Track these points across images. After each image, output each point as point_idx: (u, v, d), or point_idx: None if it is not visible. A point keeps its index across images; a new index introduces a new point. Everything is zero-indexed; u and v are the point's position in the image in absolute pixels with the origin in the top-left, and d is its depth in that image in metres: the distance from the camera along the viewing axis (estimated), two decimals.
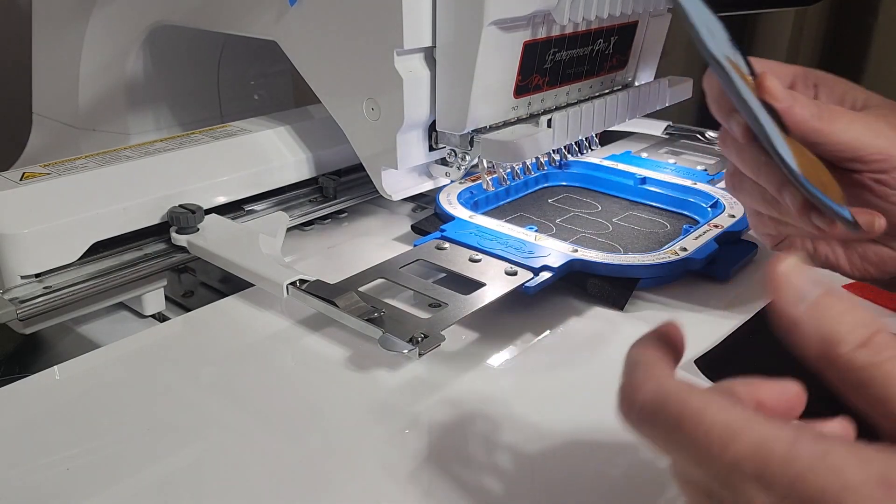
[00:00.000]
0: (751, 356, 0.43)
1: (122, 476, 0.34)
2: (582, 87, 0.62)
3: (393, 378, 0.41)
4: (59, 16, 0.80)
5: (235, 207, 0.59)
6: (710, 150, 0.79)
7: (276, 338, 0.46)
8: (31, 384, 0.41)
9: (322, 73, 0.58)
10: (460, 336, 0.45)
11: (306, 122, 0.64)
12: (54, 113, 0.84)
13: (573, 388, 0.41)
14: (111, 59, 0.76)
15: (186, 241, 0.52)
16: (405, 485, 0.34)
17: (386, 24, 0.50)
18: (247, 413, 0.39)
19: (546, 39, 0.55)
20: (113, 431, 0.37)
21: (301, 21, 0.57)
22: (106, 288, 0.49)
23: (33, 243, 0.47)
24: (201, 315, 0.49)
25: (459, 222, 0.56)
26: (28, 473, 0.34)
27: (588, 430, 0.37)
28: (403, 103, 0.52)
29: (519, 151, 0.54)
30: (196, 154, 0.57)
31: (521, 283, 0.47)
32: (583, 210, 0.64)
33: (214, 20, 0.65)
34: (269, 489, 0.33)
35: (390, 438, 0.37)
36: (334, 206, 0.64)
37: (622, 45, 0.64)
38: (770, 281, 0.25)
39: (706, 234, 0.54)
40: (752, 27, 1.02)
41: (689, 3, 0.35)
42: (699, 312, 0.49)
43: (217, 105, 0.84)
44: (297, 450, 0.36)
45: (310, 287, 0.45)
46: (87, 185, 0.51)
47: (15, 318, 0.44)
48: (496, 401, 0.40)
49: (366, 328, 0.42)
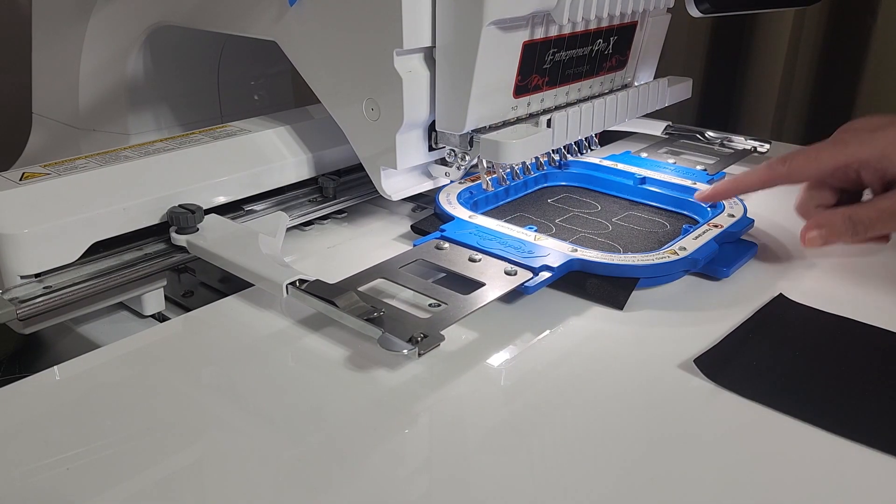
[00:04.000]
0: (750, 356, 0.43)
1: (122, 476, 0.34)
2: (581, 88, 0.62)
3: (392, 378, 0.41)
4: (59, 16, 0.80)
5: (235, 207, 0.59)
6: (709, 150, 0.79)
7: (275, 338, 0.46)
8: (31, 384, 0.41)
9: (322, 73, 0.58)
10: (460, 336, 0.45)
11: (306, 122, 0.64)
12: (54, 113, 0.84)
13: (573, 388, 0.41)
14: (111, 60, 0.76)
15: (186, 241, 0.52)
16: (405, 485, 0.34)
17: (385, 24, 0.50)
18: (247, 413, 0.39)
19: (545, 40, 0.55)
20: (113, 431, 0.37)
21: (301, 21, 0.57)
22: (106, 288, 0.49)
23: (33, 243, 0.47)
24: (201, 315, 0.49)
25: (459, 222, 0.56)
26: (28, 473, 0.34)
27: (588, 430, 0.37)
28: (403, 103, 0.52)
29: (518, 151, 0.54)
30: (196, 154, 0.57)
31: (521, 282, 0.47)
32: (582, 210, 0.64)
33: (214, 20, 0.65)
34: (269, 489, 0.33)
35: (390, 438, 0.37)
36: (334, 206, 0.64)
37: (622, 45, 0.64)
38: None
39: (706, 233, 0.54)
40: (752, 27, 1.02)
41: None
42: (699, 312, 0.49)
43: (217, 105, 0.84)
44: (297, 450, 0.36)
45: (309, 287, 0.45)
46: (87, 185, 0.51)
47: (15, 318, 0.44)
48: (496, 401, 0.40)
49: (365, 328, 0.42)
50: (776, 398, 0.39)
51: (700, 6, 0.59)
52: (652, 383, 0.41)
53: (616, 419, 0.38)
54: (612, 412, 0.39)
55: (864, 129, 0.49)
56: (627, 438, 0.37)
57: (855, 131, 0.50)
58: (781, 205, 0.67)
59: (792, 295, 0.50)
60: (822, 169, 0.50)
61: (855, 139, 0.49)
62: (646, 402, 0.39)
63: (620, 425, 0.38)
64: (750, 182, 0.53)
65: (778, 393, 0.40)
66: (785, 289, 0.51)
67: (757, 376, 0.41)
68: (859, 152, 0.48)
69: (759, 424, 0.37)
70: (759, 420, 0.38)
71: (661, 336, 0.46)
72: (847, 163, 0.49)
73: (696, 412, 0.39)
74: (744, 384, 0.40)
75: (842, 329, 0.46)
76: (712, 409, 0.39)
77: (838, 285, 0.53)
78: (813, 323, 0.47)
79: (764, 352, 0.44)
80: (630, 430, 0.37)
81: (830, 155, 0.49)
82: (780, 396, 0.39)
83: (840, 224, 0.48)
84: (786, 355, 0.44)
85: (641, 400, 0.40)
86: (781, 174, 0.51)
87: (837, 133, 0.51)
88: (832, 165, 0.49)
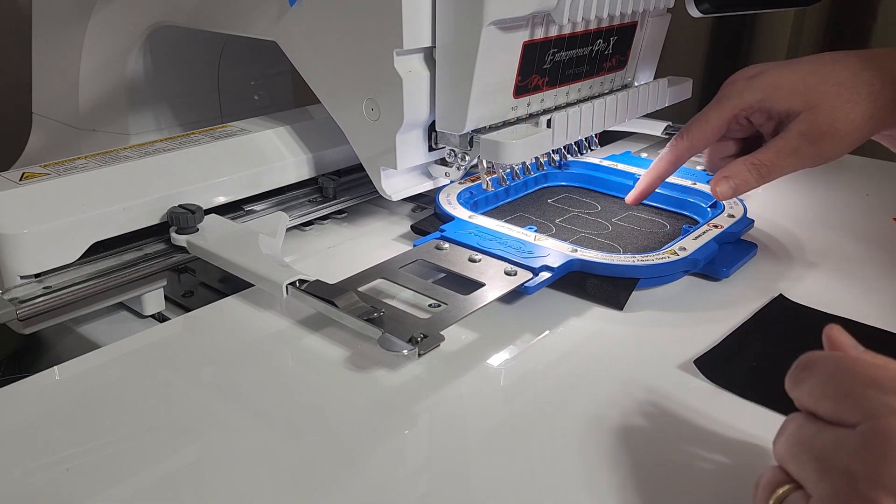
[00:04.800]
0: (751, 357, 0.43)
1: (122, 476, 0.34)
2: (581, 88, 0.62)
3: (392, 378, 0.41)
4: (59, 16, 0.80)
5: (235, 207, 0.59)
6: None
7: (275, 338, 0.46)
8: (31, 384, 0.41)
9: (322, 74, 0.58)
10: (460, 336, 0.45)
11: (306, 122, 0.64)
12: (54, 113, 0.84)
13: (573, 389, 0.41)
14: (111, 60, 0.76)
15: (186, 242, 0.52)
16: (405, 485, 0.34)
17: (386, 25, 0.50)
18: (247, 413, 0.39)
19: (545, 40, 0.55)
20: (113, 431, 0.37)
21: (301, 21, 0.57)
22: (106, 288, 0.49)
23: (33, 243, 0.47)
24: (201, 315, 0.49)
25: (459, 222, 0.56)
26: (28, 473, 0.34)
27: (588, 431, 0.37)
28: (403, 103, 0.52)
29: (518, 152, 0.54)
30: (196, 154, 0.57)
31: (521, 283, 0.47)
32: (582, 210, 0.64)
33: (214, 21, 0.65)
34: (269, 489, 0.33)
35: (390, 438, 0.37)
36: (334, 206, 0.64)
37: (622, 46, 0.64)
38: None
39: (706, 234, 0.54)
40: (752, 27, 1.02)
41: None
42: (699, 313, 0.49)
43: (217, 105, 0.84)
44: (297, 450, 0.36)
45: (309, 287, 0.45)
46: (87, 185, 0.51)
47: (15, 318, 0.44)
48: (496, 401, 0.40)
49: (365, 328, 0.42)
50: (776, 399, 0.39)
51: (700, 6, 0.59)
52: (652, 384, 0.41)
53: (616, 419, 0.38)
54: (611, 412, 0.39)
55: (741, 79, 0.53)
56: (627, 439, 0.37)
57: (734, 83, 0.53)
58: (781, 205, 0.67)
59: (792, 295, 0.50)
60: (715, 128, 0.53)
61: (735, 90, 0.52)
62: (646, 403, 0.39)
63: (620, 426, 0.38)
64: (662, 167, 0.56)
65: (778, 394, 0.40)
66: (785, 289, 0.51)
67: (757, 377, 0.41)
68: (742, 102, 0.52)
69: (759, 425, 0.37)
70: (759, 421, 0.38)
71: (661, 336, 0.46)
72: (734, 113, 0.52)
73: (696, 413, 0.39)
74: (744, 385, 0.40)
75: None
76: (712, 409, 0.39)
77: (838, 286, 0.53)
78: (813, 324, 0.47)
79: (764, 353, 0.44)
80: (630, 431, 0.37)
81: (717, 113, 0.53)
82: (781, 397, 0.39)
83: (745, 171, 0.50)
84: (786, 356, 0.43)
85: (641, 400, 0.40)
86: (685, 147, 0.54)
87: (721, 90, 0.54)
88: (723, 121, 0.53)
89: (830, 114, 0.48)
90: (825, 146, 0.49)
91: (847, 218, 0.52)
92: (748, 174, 0.50)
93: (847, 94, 0.48)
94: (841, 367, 0.28)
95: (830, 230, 0.62)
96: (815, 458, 0.27)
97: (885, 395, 0.25)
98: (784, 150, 0.50)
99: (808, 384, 0.28)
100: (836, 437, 0.26)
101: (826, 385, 0.28)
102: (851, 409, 0.26)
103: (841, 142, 0.49)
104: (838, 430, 0.26)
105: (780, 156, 0.50)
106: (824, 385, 0.28)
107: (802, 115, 0.49)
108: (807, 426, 0.28)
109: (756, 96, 0.51)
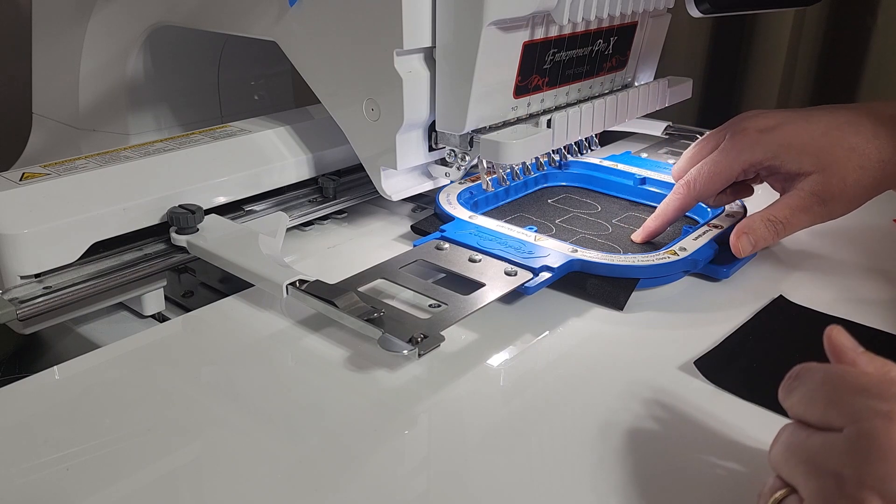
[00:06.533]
0: (751, 358, 0.43)
1: (122, 476, 0.34)
2: (581, 88, 0.62)
3: (392, 378, 0.41)
4: (59, 16, 0.80)
5: (235, 208, 0.59)
6: None
7: (275, 338, 0.46)
8: (31, 384, 0.41)
9: (322, 74, 0.58)
10: (460, 336, 0.45)
11: (306, 123, 0.64)
12: (54, 113, 0.84)
13: (573, 389, 0.41)
14: (111, 60, 0.76)
15: (186, 242, 0.52)
16: (405, 485, 0.34)
17: (386, 25, 0.50)
18: (247, 413, 0.39)
19: (545, 40, 0.55)
20: (113, 431, 0.37)
21: (301, 21, 0.57)
22: (106, 288, 0.49)
23: (33, 243, 0.47)
24: (201, 315, 0.49)
25: (459, 222, 0.56)
26: (28, 473, 0.34)
27: (588, 431, 0.37)
28: (403, 103, 0.52)
29: (518, 152, 0.54)
30: (196, 154, 0.57)
31: (521, 283, 0.47)
32: (582, 210, 0.64)
33: (214, 21, 0.65)
34: (269, 489, 0.33)
35: (390, 439, 0.37)
36: (334, 206, 0.64)
37: (622, 46, 0.64)
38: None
39: (706, 234, 0.54)
40: (752, 27, 1.02)
41: None
42: (699, 313, 0.49)
43: (217, 105, 0.84)
44: (297, 450, 0.36)
45: (309, 287, 0.45)
46: (87, 185, 0.51)
47: (15, 318, 0.44)
48: (496, 401, 0.40)
49: (365, 328, 0.42)
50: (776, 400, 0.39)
51: (700, 6, 0.59)
52: (652, 385, 0.41)
53: (616, 420, 0.38)
54: (611, 413, 0.39)
55: (753, 130, 0.53)
56: (627, 440, 0.37)
57: (745, 133, 0.53)
58: None
59: (792, 296, 0.50)
60: (726, 181, 0.54)
61: (746, 143, 0.52)
62: (646, 404, 0.39)
63: (620, 426, 0.38)
64: (671, 213, 0.56)
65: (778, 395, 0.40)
66: (785, 290, 0.51)
67: (757, 378, 0.41)
68: (753, 157, 0.52)
69: (759, 426, 0.37)
70: (759, 422, 0.38)
71: (661, 337, 0.46)
72: (744, 168, 0.53)
73: (696, 414, 0.39)
74: (744, 386, 0.40)
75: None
76: (712, 410, 0.39)
77: (839, 287, 0.53)
78: (813, 324, 0.47)
79: (764, 354, 0.44)
80: (630, 432, 0.37)
81: (728, 166, 0.53)
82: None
83: (763, 228, 0.51)
84: (786, 357, 0.44)
85: (641, 401, 0.40)
86: (693, 198, 0.55)
87: (730, 137, 0.54)
88: (733, 176, 0.53)
89: (842, 178, 0.49)
90: (835, 207, 0.50)
91: (847, 219, 0.52)
92: (766, 231, 0.51)
93: (858, 161, 0.49)
94: (829, 376, 0.29)
95: (831, 231, 0.61)
96: (804, 462, 0.28)
97: (869, 399, 0.27)
98: (797, 208, 0.51)
99: (798, 393, 0.30)
100: (825, 441, 0.27)
101: (815, 393, 0.29)
102: (838, 414, 0.28)
103: (849, 203, 0.51)
104: (826, 435, 0.28)
105: (795, 213, 0.51)
106: (813, 393, 0.29)
107: (813, 176, 0.50)
108: (797, 433, 0.29)
109: (768, 154, 0.52)
